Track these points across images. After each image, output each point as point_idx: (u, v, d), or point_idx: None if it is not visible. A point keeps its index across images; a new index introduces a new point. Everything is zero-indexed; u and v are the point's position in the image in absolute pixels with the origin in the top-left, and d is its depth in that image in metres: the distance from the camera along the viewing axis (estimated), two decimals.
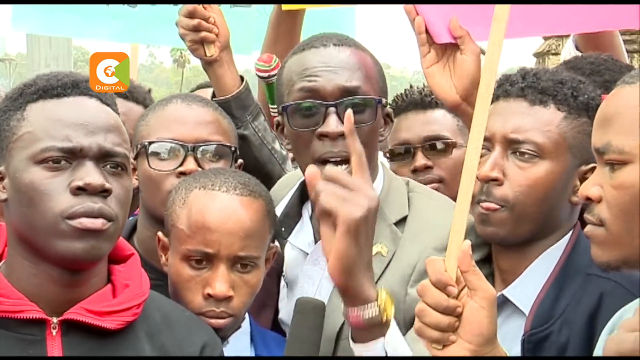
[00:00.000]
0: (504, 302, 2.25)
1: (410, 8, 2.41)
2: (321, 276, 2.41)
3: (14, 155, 1.84)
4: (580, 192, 1.87)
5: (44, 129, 1.84)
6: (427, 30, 2.39)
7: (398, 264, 2.30)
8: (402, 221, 2.37)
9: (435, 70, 2.42)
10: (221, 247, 2.20)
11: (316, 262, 2.43)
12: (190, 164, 2.44)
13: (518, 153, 2.24)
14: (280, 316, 2.54)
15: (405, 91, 3.20)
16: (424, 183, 2.96)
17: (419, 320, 1.85)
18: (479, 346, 1.83)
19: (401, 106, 3.13)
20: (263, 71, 3.02)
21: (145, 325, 1.92)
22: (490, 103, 1.94)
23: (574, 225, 2.31)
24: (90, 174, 1.81)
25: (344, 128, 2.06)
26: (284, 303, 2.53)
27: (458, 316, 1.83)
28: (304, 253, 2.48)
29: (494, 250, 2.36)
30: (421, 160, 3.02)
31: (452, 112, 2.63)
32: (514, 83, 2.30)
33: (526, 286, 2.24)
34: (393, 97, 3.23)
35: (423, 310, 1.85)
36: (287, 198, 2.56)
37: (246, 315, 2.33)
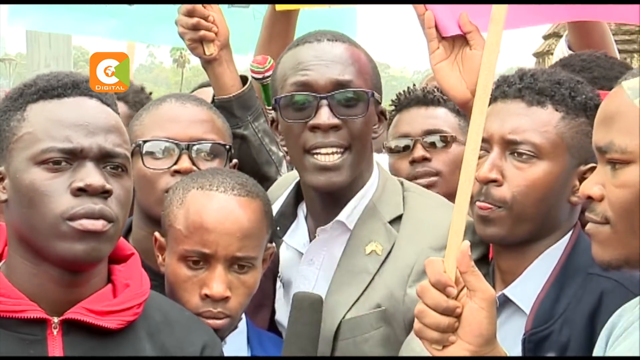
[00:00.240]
0: (505, 302, 2.26)
1: (419, 6, 2.42)
2: (317, 276, 2.41)
3: (14, 155, 1.84)
4: (581, 191, 1.87)
5: (45, 130, 1.84)
6: (436, 25, 2.41)
7: (395, 264, 2.31)
8: (397, 220, 2.38)
9: (444, 66, 2.43)
10: (218, 248, 2.19)
11: (311, 263, 2.43)
12: (184, 163, 2.44)
13: (516, 154, 2.24)
14: (276, 317, 2.54)
15: (407, 89, 3.21)
16: (421, 175, 3.01)
17: (419, 321, 1.85)
18: (479, 346, 1.83)
19: (403, 102, 3.15)
20: (257, 72, 3.01)
21: (145, 324, 1.92)
22: (487, 104, 1.94)
23: (574, 225, 2.31)
24: (90, 175, 1.81)
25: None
26: (280, 304, 2.53)
27: (457, 317, 1.83)
28: (299, 253, 2.49)
29: (494, 250, 2.36)
30: (420, 151, 3.03)
31: (461, 110, 2.63)
32: (512, 84, 2.30)
33: (527, 286, 2.24)
34: (395, 94, 3.26)
35: (423, 311, 1.85)
36: (283, 197, 2.56)
37: (243, 315, 2.33)
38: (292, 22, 3.22)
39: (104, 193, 1.81)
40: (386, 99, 2.86)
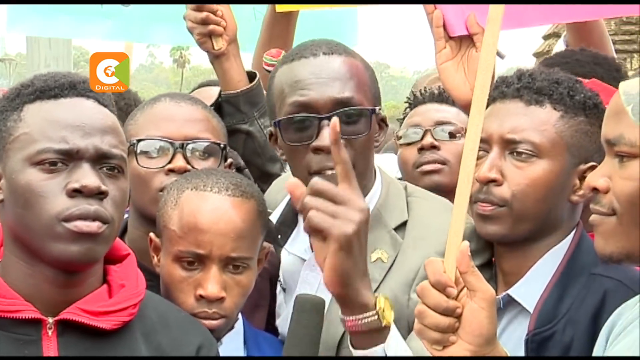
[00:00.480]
0: (509, 303, 2.25)
1: (428, 5, 2.44)
2: (319, 281, 2.39)
3: (11, 156, 1.84)
4: (586, 183, 1.89)
5: (41, 130, 1.83)
6: (444, 25, 2.42)
7: (400, 270, 2.30)
8: (402, 226, 2.36)
9: (449, 66, 2.45)
10: (213, 248, 2.19)
11: (314, 268, 2.41)
12: (178, 161, 2.43)
13: (515, 153, 2.24)
14: (277, 322, 2.53)
15: (425, 88, 3.29)
16: (428, 162, 3.06)
17: (419, 321, 1.85)
18: (479, 346, 1.83)
19: (419, 99, 3.23)
20: (271, 65, 3.00)
21: (141, 325, 1.92)
22: (486, 104, 1.94)
23: (577, 224, 2.31)
24: (86, 176, 1.80)
25: (329, 138, 2.00)
26: (282, 309, 2.52)
27: (458, 317, 1.83)
28: (301, 259, 2.47)
29: (497, 252, 2.36)
30: (429, 139, 3.09)
31: (464, 110, 2.64)
32: (510, 84, 2.30)
33: (531, 286, 2.24)
34: (411, 92, 3.36)
35: (423, 311, 1.85)
36: (283, 204, 2.54)
37: (239, 316, 2.33)
38: (292, 23, 3.22)
39: (100, 194, 1.81)
40: (386, 99, 2.87)
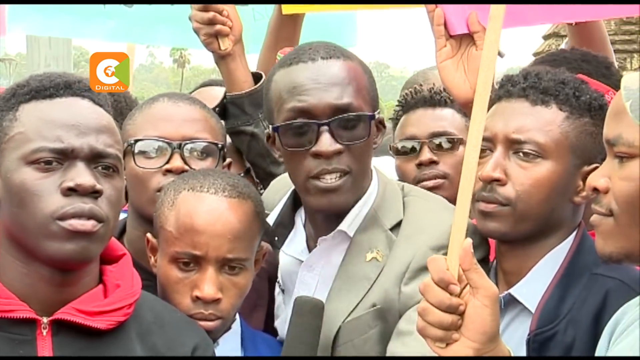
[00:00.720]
0: (510, 303, 2.25)
1: (429, 4, 2.44)
2: (317, 282, 2.40)
3: (6, 155, 1.84)
4: (588, 182, 1.88)
5: (36, 130, 1.83)
6: (445, 24, 2.43)
7: (392, 265, 2.30)
8: (397, 226, 2.36)
9: (449, 64, 2.46)
10: (209, 249, 2.18)
11: (311, 269, 2.41)
12: (176, 162, 2.42)
13: (521, 153, 2.23)
14: (276, 323, 2.52)
15: (414, 89, 3.20)
16: (429, 178, 3.01)
17: (422, 318, 1.85)
18: (482, 344, 1.82)
19: (410, 103, 3.15)
20: None
21: (136, 325, 1.92)
22: (488, 101, 1.93)
23: (578, 225, 2.31)
24: (81, 175, 1.80)
25: None
26: (281, 310, 2.52)
27: (461, 314, 1.83)
28: (298, 261, 2.46)
29: (497, 251, 2.35)
30: (427, 154, 3.03)
31: (463, 109, 2.64)
32: (516, 83, 2.30)
33: (532, 285, 2.24)
34: (402, 94, 3.26)
35: (426, 308, 1.84)
36: (280, 206, 2.53)
37: (237, 316, 2.33)
38: (298, 27, 3.21)
39: (94, 193, 1.81)
40: (386, 99, 2.86)
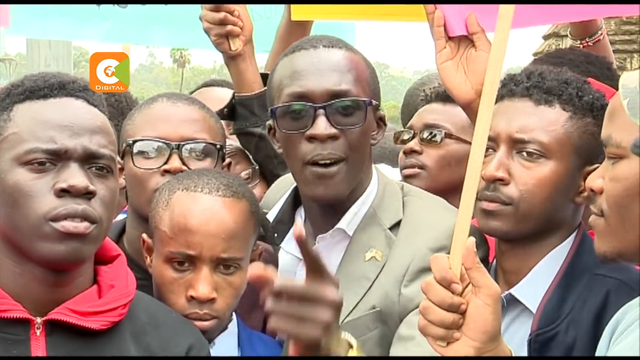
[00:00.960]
0: (511, 303, 2.25)
1: (429, 5, 2.45)
2: None
3: (0, 156, 1.84)
4: (586, 183, 1.91)
5: (30, 130, 1.83)
6: (444, 25, 2.43)
7: (391, 266, 2.29)
8: (397, 226, 2.36)
9: (449, 65, 2.46)
10: (203, 249, 2.18)
11: None
12: (174, 162, 2.41)
13: (524, 153, 2.23)
14: None
15: (434, 86, 3.30)
16: (407, 167, 3.11)
17: (424, 317, 1.85)
18: (484, 343, 1.82)
19: (429, 96, 3.24)
20: None
21: (131, 325, 1.92)
22: (494, 100, 1.94)
23: (579, 225, 2.31)
24: (74, 176, 1.80)
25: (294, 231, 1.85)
26: None
27: (462, 313, 1.83)
28: (298, 258, 2.44)
29: (498, 251, 2.35)
30: (411, 143, 3.12)
31: (464, 110, 2.65)
32: (519, 83, 2.30)
33: (533, 286, 2.24)
34: (422, 90, 3.38)
35: (427, 307, 1.84)
36: (280, 203, 2.54)
37: (233, 316, 2.32)
38: (307, 33, 3.20)
39: (88, 194, 1.80)
40: (386, 99, 2.88)
